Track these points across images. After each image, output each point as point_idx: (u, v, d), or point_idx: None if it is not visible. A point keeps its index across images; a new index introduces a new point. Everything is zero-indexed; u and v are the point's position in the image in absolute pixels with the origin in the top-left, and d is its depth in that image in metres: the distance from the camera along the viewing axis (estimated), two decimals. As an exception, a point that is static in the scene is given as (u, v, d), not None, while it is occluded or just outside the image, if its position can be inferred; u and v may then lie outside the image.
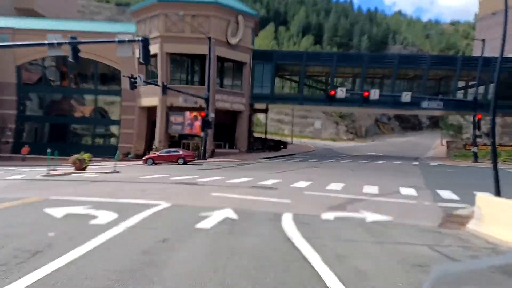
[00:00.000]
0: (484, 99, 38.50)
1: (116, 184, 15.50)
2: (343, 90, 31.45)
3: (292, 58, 46.08)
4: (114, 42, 17.63)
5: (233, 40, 37.91)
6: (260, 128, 61.90)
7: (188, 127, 36.19)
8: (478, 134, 36.01)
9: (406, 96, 32.13)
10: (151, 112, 38.59)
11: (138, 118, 39.24)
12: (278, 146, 49.30)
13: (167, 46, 36.24)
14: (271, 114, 59.63)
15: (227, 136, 40.74)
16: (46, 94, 42.76)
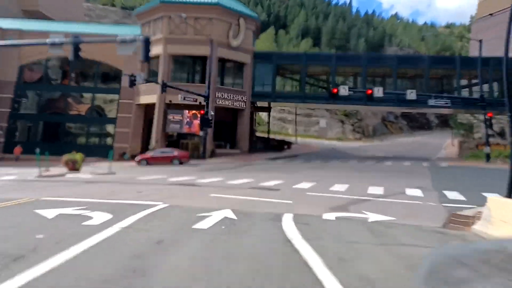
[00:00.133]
0: (491, 97, 37.94)
1: (112, 185, 15.24)
2: (346, 88, 31.07)
3: (292, 59, 46.07)
4: (115, 42, 17.39)
5: (234, 42, 37.81)
6: (262, 127, 61.16)
7: (187, 126, 35.51)
8: (490, 133, 35.17)
9: (411, 94, 31.77)
10: (148, 111, 37.80)
11: (135, 116, 38.13)
12: (281, 146, 47.70)
13: (170, 47, 36.30)
14: (273, 113, 58.74)
15: (228, 136, 40.14)
16: (44, 92, 41.88)
